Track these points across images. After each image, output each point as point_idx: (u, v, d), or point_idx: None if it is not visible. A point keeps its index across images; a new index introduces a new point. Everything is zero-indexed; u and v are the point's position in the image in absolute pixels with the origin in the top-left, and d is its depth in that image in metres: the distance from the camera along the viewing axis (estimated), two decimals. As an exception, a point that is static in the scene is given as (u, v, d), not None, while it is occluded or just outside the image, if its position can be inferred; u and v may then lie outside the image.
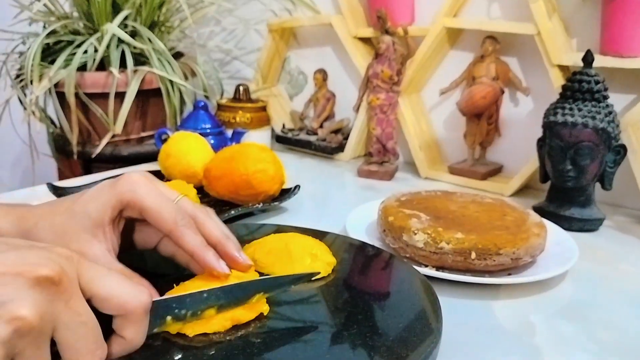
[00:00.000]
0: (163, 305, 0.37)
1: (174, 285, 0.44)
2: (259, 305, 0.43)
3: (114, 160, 1.06)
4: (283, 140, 1.16)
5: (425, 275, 0.55)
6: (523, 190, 0.94)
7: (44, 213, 0.43)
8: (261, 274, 0.49)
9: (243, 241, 0.56)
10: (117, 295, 0.33)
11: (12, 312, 0.28)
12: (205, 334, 0.40)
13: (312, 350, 0.40)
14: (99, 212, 0.42)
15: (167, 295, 0.40)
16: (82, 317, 0.32)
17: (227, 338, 0.40)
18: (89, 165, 1.09)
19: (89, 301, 0.33)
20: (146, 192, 0.42)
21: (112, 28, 0.99)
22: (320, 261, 0.52)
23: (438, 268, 0.60)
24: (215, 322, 0.40)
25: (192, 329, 0.40)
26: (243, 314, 0.41)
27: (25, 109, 1.04)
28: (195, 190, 0.73)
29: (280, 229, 0.61)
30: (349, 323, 0.43)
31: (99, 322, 0.33)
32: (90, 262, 0.34)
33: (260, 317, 0.43)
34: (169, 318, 0.38)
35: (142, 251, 0.48)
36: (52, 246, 0.33)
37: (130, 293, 0.34)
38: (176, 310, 0.38)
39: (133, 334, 0.34)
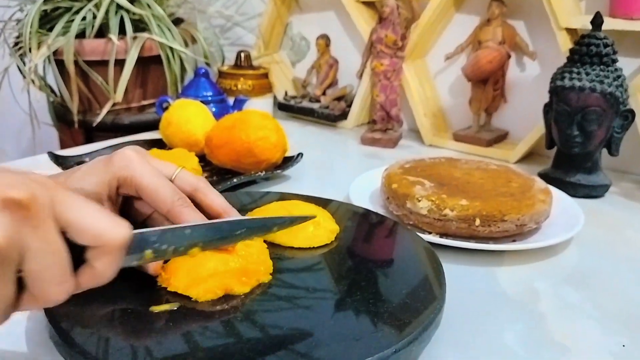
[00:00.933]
0: (142, 239, 0.35)
1: None
2: (255, 278, 0.42)
3: (115, 129, 1.05)
4: (285, 107, 1.15)
5: (429, 242, 0.54)
6: (529, 157, 0.93)
7: None
8: (265, 242, 0.49)
9: (246, 209, 0.56)
10: (94, 225, 0.31)
11: None
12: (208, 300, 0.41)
13: (316, 317, 0.39)
14: (96, 188, 0.41)
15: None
16: (51, 245, 0.30)
17: (230, 305, 0.40)
18: (91, 134, 1.08)
19: (63, 232, 0.31)
20: (142, 170, 0.41)
21: (110, -7, 0.97)
22: (323, 229, 0.51)
23: (442, 235, 0.59)
24: (207, 290, 0.40)
25: (184, 291, 0.40)
26: (238, 286, 0.41)
27: (24, 77, 1.02)
28: (197, 159, 0.73)
29: (283, 197, 0.60)
30: (352, 290, 0.43)
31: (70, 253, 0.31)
32: (67, 191, 0.32)
33: (263, 284, 0.43)
34: (148, 251, 0.35)
35: None
36: (29, 172, 0.31)
37: (109, 224, 0.32)
38: (156, 245, 0.36)
39: (105, 266, 0.32)
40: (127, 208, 0.46)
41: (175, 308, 0.39)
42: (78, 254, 0.31)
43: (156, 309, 0.39)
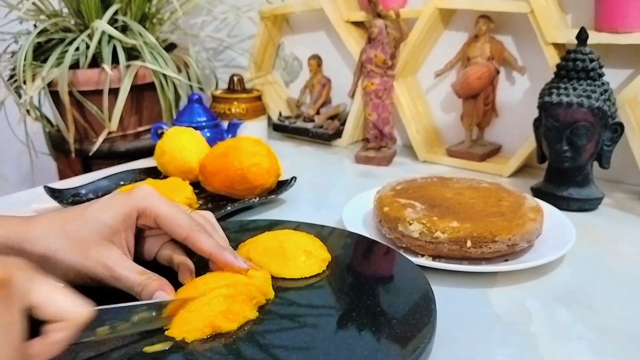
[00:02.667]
0: (97, 317, 0.38)
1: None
2: (242, 315, 0.43)
3: (112, 156, 1.06)
4: (280, 128, 1.16)
5: (422, 266, 0.55)
6: (522, 170, 0.94)
7: (53, 221, 0.45)
8: None
9: (238, 240, 0.56)
10: (58, 304, 0.35)
11: None
12: None
13: (307, 352, 0.40)
14: (115, 220, 0.44)
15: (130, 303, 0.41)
16: (15, 325, 0.32)
17: (222, 341, 0.41)
18: (88, 162, 1.09)
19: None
20: (161, 201, 0.46)
21: (101, 25, 0.98)
22: (314, 258, 0.52)
23: (434, 257, 0.60)
24: (195, 329, 0.41)
25: (171, 332, 0.41)
26: (225, 323, 0.42)
27: (20, 109, 1.04)
28: (191, 188, 0.74)
29: (276, 225, 0.61)
30: (344, 320, 0.44)
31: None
32: (37, 274, 0.35)
33: (250, 320, 0.44)
34: (98, 329, 0.39)
35: None
36: (7, 257, 0.34)
37: (72, 304, 0.36)
38: (112, 321, 0.39)
39: (61, 339, 0.35)
40: (137, 247, 0.48)
41: (168, 348, 0.40)
42: (33, 327, 0.34)
43: (149, 349, 0.39)
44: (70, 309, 0.35)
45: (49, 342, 0.35)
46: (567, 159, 0.75)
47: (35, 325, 0.34)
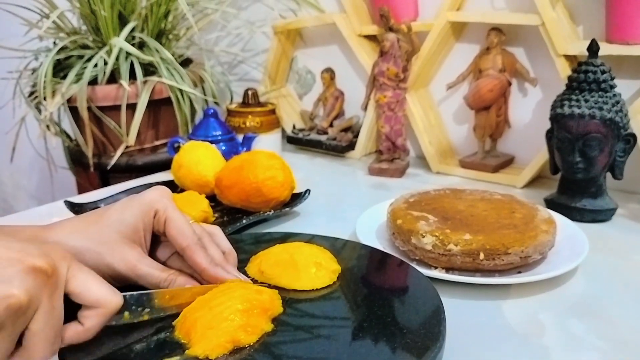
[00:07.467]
0: (124, 302, 0.41)
1: None
2: (259, 327, 0.44)
3: (129, 170, 1.08)
4: (294, 141, 1.17)
5: (434, 278, 0.55)
6: (536, 181, 0.94)
7: (75, 225, 0.47)
8: (269, 285, 0.51)
9: (251, 251, 0.58)
10: (97, 292, 0.38)
11: (6, 291, 0.32)
12: None
13: (319, 355, 0.41)
14: (136, 218, 0.46)
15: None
16: (56, 311, 0.35)
17: (239, 353, 0.42)
18: (106, 175, 1.11)
19: (66, 296, 0.37)
20: (173, 206, 0.47)
21: (119, 42, 1.00)
22: (324, 269, 0.53)
23: (447, 269, 0.60)
24: (217, 346, 0.41)
25: (193, 351, 0.41)
26: (244, 336, 0.42)
27: (40, 125, 1.06)
28: (207, 201, 0.75)
29: (287, 238, 0.62)
30: (355, 332, 0.44)
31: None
32: (79, 264, 0.38)
33: (266, 332, 0.44)
34: (126, 313, 0.42)
35: None
36: (53, 245, 0.37)
37: (109, 292, 0.39)
38: (133, 307, 0.43)
39: (92, 324, 0.39)
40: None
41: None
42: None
43: None
44: (106, 297, 0.38)
45: (83, 328, 0.38)
46: (580, 171, 0.75)
47: (71, 309, 0.38)
